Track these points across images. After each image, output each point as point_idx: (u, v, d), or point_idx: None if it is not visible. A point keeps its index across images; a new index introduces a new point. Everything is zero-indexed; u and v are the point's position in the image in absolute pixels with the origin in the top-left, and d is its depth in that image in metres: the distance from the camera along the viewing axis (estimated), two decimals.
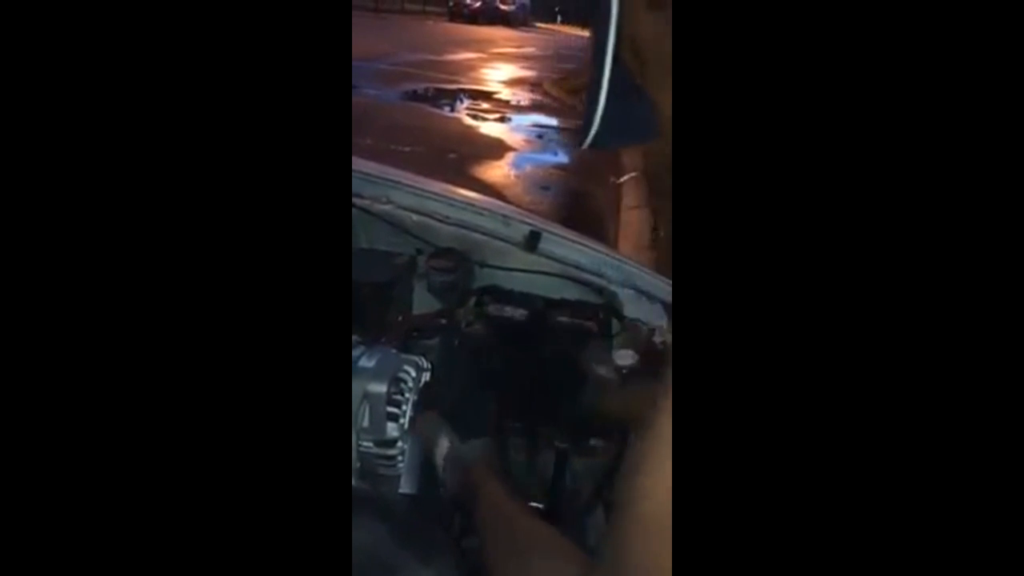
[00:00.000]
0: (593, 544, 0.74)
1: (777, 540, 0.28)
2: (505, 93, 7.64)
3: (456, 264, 1.00)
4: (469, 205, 1.06)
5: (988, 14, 0.26)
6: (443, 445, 0.65)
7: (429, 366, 0.71)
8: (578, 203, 4.06)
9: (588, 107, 0.44)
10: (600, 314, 0.99)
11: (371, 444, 0.64)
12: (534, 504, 0.87)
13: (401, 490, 0.64)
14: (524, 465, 0.95)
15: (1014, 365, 0.26)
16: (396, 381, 0.65)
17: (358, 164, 1.08)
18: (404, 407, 0.65)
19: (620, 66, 0.41)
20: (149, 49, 0.32)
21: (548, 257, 1.03)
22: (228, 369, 0.32)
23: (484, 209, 1.06)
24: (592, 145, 0.45)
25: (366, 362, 0.66)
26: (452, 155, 4.70)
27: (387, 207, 1.04)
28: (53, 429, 0.30)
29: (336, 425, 0.33)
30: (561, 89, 7.68)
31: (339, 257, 0.34)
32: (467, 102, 6.79)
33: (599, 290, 1.02)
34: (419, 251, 1.04)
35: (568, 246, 1.04)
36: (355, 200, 1.02)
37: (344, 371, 0.34)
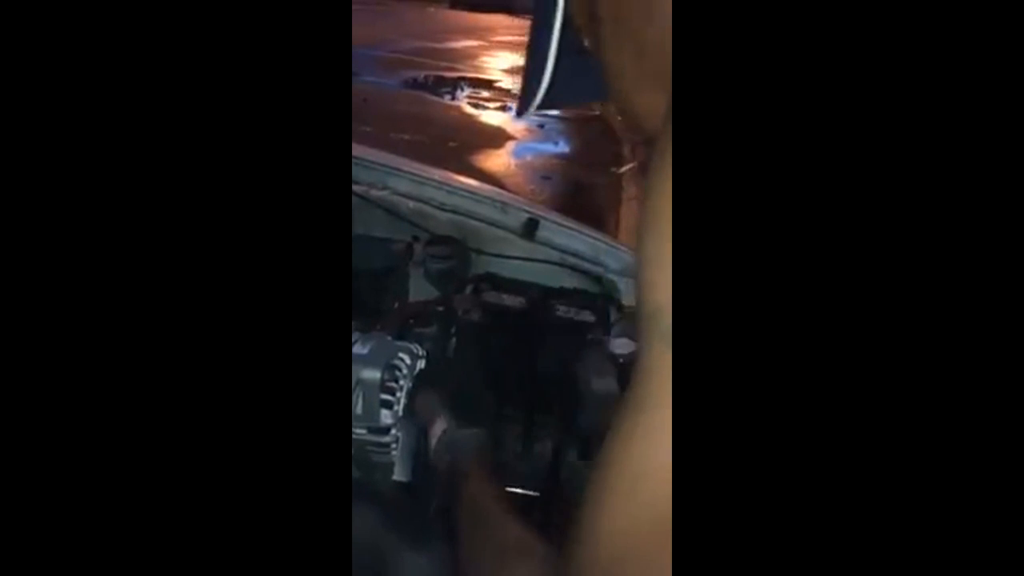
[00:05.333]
0: None
1: (777, 541, 0.27)
2: (506, 82, 7.60)
3: (453, 251, 0.99)
4: (467, 192, 1.05)
5: (988, 14, 0.26)
6: (438, 427, 0.63)
7: (424, 353, 0.70)
8: (579, 193, 4.05)
9: (532, 69, 0.42)
10: (598, 303, 0.99)
11: (365, 431, 0.64)
12: (530, 493, 0.87)
13: (395, 477, 0.63)
14: (520, 454, 0.94)
15: (1014, 365, 0.25)
16: (390, 368, 0.65)
17: (355, 150, 1.07)
18: (398, 394, 0.64)
19: (567, 28, 0.40)
20: (147, 36, 0.31)
21: (546, 245, 1.03)
22: (227, 359, 0.31)
23: (482, 196, 1.05)
24: (537, 109, 0.44)
25: (360, 349, 0.66)
26: (452, 143, 4.68)
27: (384, 193, 1.04)
28: (50, 411, 0.30)
29: (335, 416, 0.33)
30: None
31: (339, 247, 0.34)
32: (468, 90, 6.75)
33: (598, 279, 1.01)
34: (416, 238, 1.04)
35: (567, 234, 1.03)
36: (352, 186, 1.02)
37: (344, 361, 0.34)
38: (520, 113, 0.45)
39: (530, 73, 0.43)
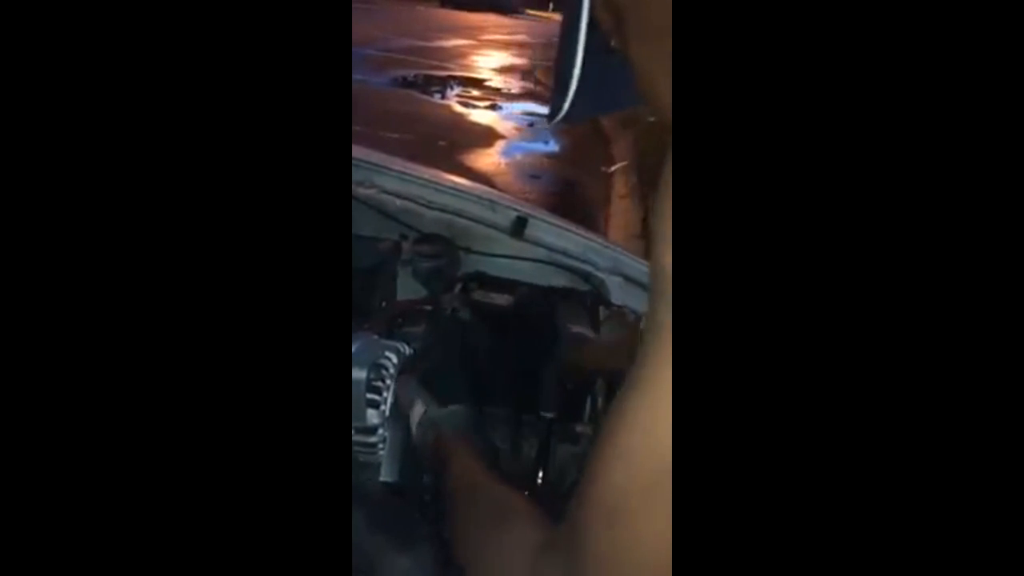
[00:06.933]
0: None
1: (776, 539, 0.27)
2: (496, 80, 7.59)
3: (441, 250, 0.99)
4: (455, 191, 1.05)
5: (988, 14, 0.25)
6: (418, 409, 0.63)
7: (411, 352, 0.70)
8: (568, 191, 4.05)
9: (560, 77, 0.41)
10: (587, 301, 0.98)
11: (352, 431, 0.63)
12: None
13: (382, 478, 0.63)
14: (508, 452, 0.94)
15: (1013, 363, 0.25)
16: (376, 367, 0.64)
17: None
18: (385, 394, 0.64)
19: (595, 30, 0.39)
20: (147, 35, 0.31)
21: (535, 243, 1.03)
22: (225, 360, 0.31)
23: (471, 195, 1.05)
24: (565, 119, 0.43)
25: None
26: (442, 143, 4.67)
27: (371, 191, 1.03)
28: (49, 415, 0.30)
29: (335, 418, 0.33)
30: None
31: (338, 248, 0.34)
32: (457, 89, 6.74)
33: (586, 277, 1.01)
34: (404, 237, 1.03)
35: (556, 233, 1.03)
36: None
37: (343, 363, 0.34)
38: (551, 119, 0.44)
39: (559, 78, 0.42)
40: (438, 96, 6.38)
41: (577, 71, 0.40)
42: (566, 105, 0.42)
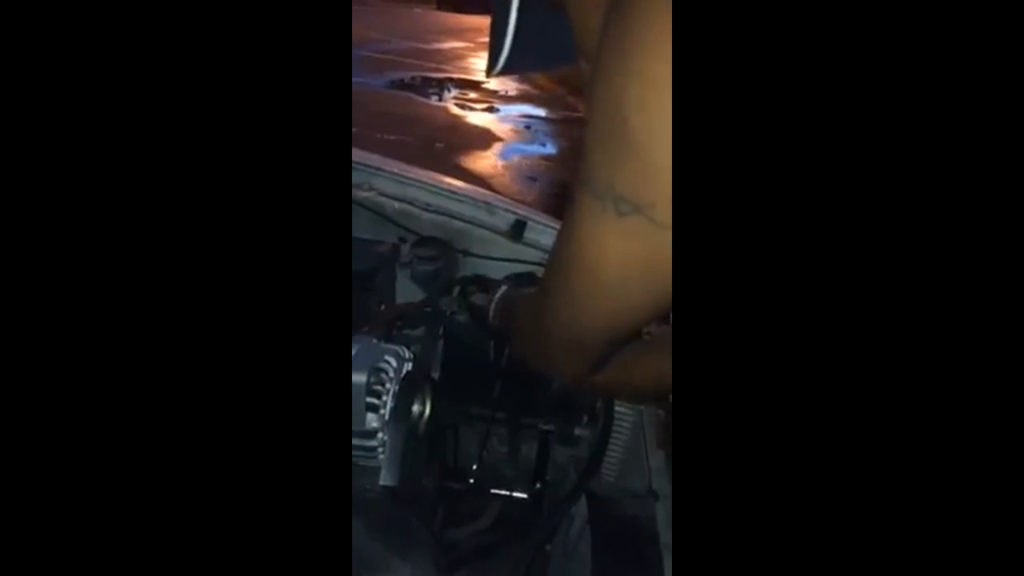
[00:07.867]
0: (573, 535, 0.74)
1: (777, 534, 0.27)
2: (493, 83, 7.59)
3: (440, 253, 0.99)
4: (452, 193, 1.05)
5: (988, 14, 0.25)
6: (500, 291, 0.77)
7: (411, 356, 0.70)
8: (566, 194, 4.04)
9: (496, 29, 0.42)
10: None
11: (351, 435, 0.63)
12: (518, 495, 0.87)
13: (382, 482, 0.62)
14: (507, 456, 0.94)
15: (1012, 363, 0.25)
16: (376, 371, 0.64)
17: None
18: (384, 398, 0.63)
19: None
20: (146, 36, 0.31)
21: (533, 246, 1.03)
22: (224, 364, 0.31)
23: (468, 197, 1.05)
24: (502, 72, 0.43)
25: None
26: (439, 145, 4.67)
27: (369, 194, 1.03)
28: (48, 416, 0.29)
29: (335, 422, 0.33)
30: (550, 79, 7.65)
31: (338, 250, 0.33)
32: (455, 91, 6.74)
33: None
34: (402, 239, 1.03)
35: (553, 235, 1.02)
36: None
37: (344, 367, 0.34)
38: (488, 74, 0.45)
39: (495, 33, 0.42)
40: (435, 98, 6.38)
41: (512, 27, 0.41)
42: (500, 63, 0.42)
